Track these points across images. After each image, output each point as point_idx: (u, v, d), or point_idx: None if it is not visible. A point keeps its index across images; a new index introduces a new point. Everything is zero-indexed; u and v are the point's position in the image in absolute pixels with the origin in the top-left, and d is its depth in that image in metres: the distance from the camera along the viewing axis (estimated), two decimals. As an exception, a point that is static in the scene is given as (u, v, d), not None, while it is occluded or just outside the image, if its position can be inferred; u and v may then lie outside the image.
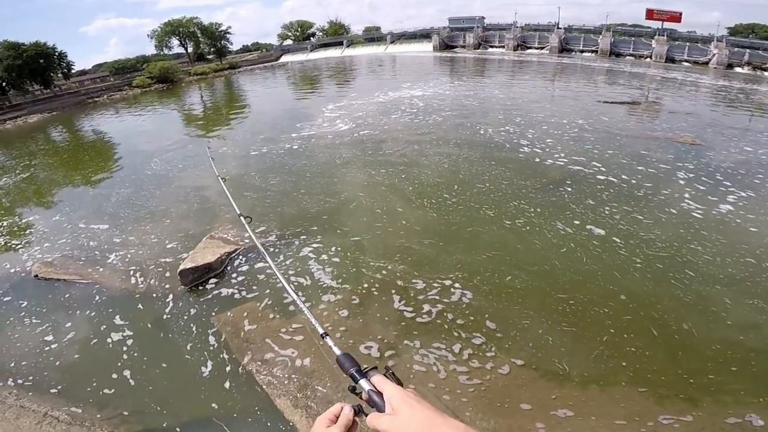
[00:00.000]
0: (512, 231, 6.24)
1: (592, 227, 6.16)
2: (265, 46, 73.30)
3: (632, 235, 5.94)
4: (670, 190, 7.38)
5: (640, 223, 6.25)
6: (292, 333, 4.51)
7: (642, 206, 6.79)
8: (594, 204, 6.92)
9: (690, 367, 3.76)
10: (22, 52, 33.72)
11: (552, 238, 5.96)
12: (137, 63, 52.29)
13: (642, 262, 5.31)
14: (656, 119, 13.26)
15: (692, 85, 21.29)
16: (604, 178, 7.94)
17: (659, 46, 33.69)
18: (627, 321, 4.32)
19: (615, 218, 6.41)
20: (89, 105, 33.38)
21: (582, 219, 6.42)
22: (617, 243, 5.75)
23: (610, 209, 6.70)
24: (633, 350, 3.95)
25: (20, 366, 4.47)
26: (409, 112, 15.16)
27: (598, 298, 4.66)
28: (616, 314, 4.42)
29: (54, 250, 7.07)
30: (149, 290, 5.66)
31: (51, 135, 22.20)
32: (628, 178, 7.88)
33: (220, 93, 32.27)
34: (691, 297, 4.65)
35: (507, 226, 6.38)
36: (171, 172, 10.85)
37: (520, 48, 42.68)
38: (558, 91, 19.44)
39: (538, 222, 6.43)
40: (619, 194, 7.27)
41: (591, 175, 8.15)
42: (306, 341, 4.37)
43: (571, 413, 3.36)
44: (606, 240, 5.84)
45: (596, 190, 7.46)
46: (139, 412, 3.80)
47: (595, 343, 4.05)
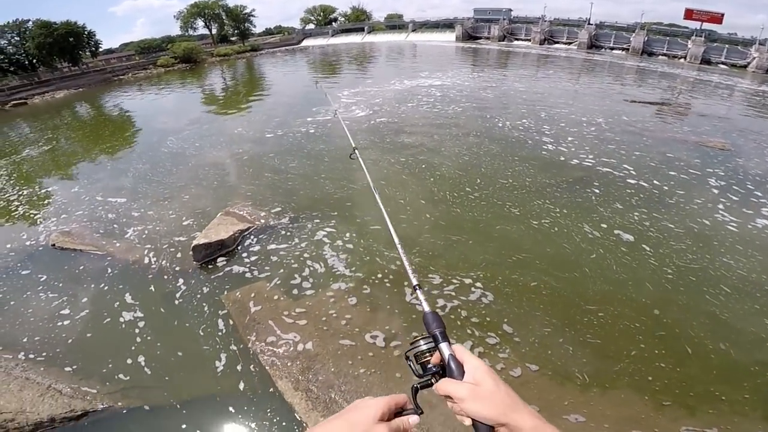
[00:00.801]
0: (540, 232, 5.98)
1: (620, 232, 5.88)
2: (287, 29, 73.35)
3: (662, 243, 5.65)
4: (703, 199, 6.98)
5: (671, 232, 5.93)
6: (297, 316, 4.48)
7: (673, 214, 6.45)
8: (622, 208, 6.60)
9: (726, 389, 3.51)
10: (53, 31, 34.65)
11: (581, 242, 5.70)
12: (162, 43, 52.89)
13: (674, 274, 5.02)
14: (685, 122, 12.69)
15: (727, 89, 20.30)
16: (633, 181, 7.59)
17: (695, 46, 32.17)
18: (660, 337, 4.07)
19: (644, 225, 6.11)
20: (114, 82, 34.02)
21: (609, 223, 6.15)
22: (647, 251, 5.47)
23: (639, 215, 6.38)
24: (662, 366, 3.74)
25: (30, 338, 4.53)
26: (427, 101, 14.88)
27: (629, 311, 4.42)
28: (648, 329, 4.17)
29: (71, 221, 7.19)
30: (161, 264, 5.70)
31: (76, 110, 22.69)
32: (659, 184, 7.51)
33: (241, 74, 32.38)
34: (727, 315, 4.37)
35: (534, 227, 6.11)
36: (188, 150, 10.94)
37: (547, 42, 41.43)
38: (584, 87, 18.78)
39: (565, 223, 6.17)
40: (648, 199, 6.92)
41: (618, 177, 7.80)
42: (311, 325, 4.33)
43: (583, 419, 3.23)
44: (635, 247, 5.56)
45: (624, 193, 7.12)
46: (140, 387, 3.82)
47: (621, 357, 3.85)
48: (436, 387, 0.78)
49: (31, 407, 3.54)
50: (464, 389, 0.72)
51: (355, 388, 3.57)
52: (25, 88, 29.82)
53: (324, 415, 3.32)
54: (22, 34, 35.58)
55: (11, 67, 35.77)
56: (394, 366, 3.80)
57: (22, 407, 3.53)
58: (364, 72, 25.95)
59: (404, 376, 3.66)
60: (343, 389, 3.57)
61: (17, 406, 3.53)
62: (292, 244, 5.91)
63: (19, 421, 3.42)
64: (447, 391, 0.75)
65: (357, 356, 3.92)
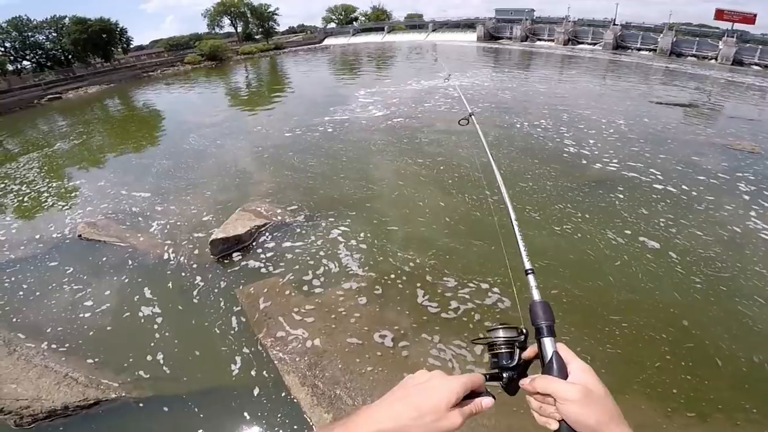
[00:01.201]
0: (563, 238, 5.83)
1: (645, 239, 5.68)
2: (309, 28, 74.04)
3: (689, 251, 5.44)
4: (733, 205, 6.68)
5: (699, 239, 5.71)
6: (307, 312, 4.56)
7: (701, 221, 6.20)
8: (647, 214, 6.39)
9: (760, 405, 3.35)
10: (88, 27, 36.03)
11: (604, 248, 5.54)
12: (190, 40, 54.28)
13: (703, 283, 4.82)
14: (713, 124, 12.22)
15: (760, 91, 19.40)
16: (658, 186, 7.35)
17: (726, 47, 30.74)
18: (688, 349, 3.90)
19: (671, 231, 5.90)
20: (144, 78, 35.08)
21: (634, 229, 5.96)
22: (673, 259, 5.27)
23: (665, 221, 6.16)
24: (689, 378, 3.59)
25: (53, 327, 4.68)
26: (444, 102, 14.78)
27: (655, 321, 4.25)
28: (676, 340, 3.99)
29: (96, 214, 7.49)
30: (180, 258, 5.88)
31: (106, 105, 23.58)
32: (686, 188, 7.25)
33: (264, 73, 32.93)
34: (761, 326, 4.17)
35: (557, 232, 5.96)
36: (210, 146, 11.24)
37: (571, 43, 40.37)
38: (608, 89, 18.29)
39: (587, 229, 6.02)
40: (674, 205, 6.69)
41: (643, 181, 7.57)
42: (320, 321, 4.40)
43: None
44: (661, 254, 5.36)
45: (649, 198, 6.89)
46: (153, 378, 3.92)
47: (644, 368, 3.72)
48: (535, 383, 0.71)
49: (47, 395, 3.63)
50: (576, 391, 0.65)
51: (360, 386, 3.61)
52: (60, 83, 31.09)
53: (328, 411, 3.37)
54: (59, 30, 37.11)
55: (48, 62, 37.45)
56: (401, 366, 3.82)
57: (39, 395, 3.63)
58: (384, 71, 26.01)
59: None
60: (348, 386, 3.62)
61: (34, 394, 3.63)
62: (307, 242, 6.01)
63: (34, 408, 3.52)
64: (549, 389, 0.67)
65: (365, 354, 3.96)
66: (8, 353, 4.17)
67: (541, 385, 0.69)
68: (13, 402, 3.56)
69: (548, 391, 0.68)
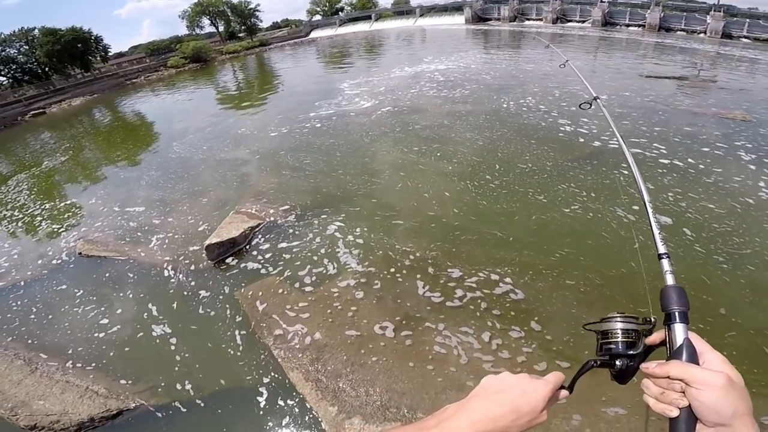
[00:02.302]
0: (577, 221, 5.65)
1: (658, 216, 5.56)
2: (294, 22, 73.12)
3: (703, 226, 5.30)
4: (742, 176, 6.53)
5: (711, 213, 5.58)
6: (306, 308, 4.59)
7: (711, 193, 6.06)
8: (653, 188, 6.24)
9: None
10: (60, 37, 35.11)
11: (618, 229, 5.36)
12: (171, 44, 53.42)
13: (727, 262, 4.60)
14: (705, 95, 12.18)
15: (750, 62, 19.33)
16: (662, 160, 7.21)
17: (715, 21, 30.68)
18: (731, 337, 3.71)
19: (681, 206, 5.78)
20: (128, 86, 34.63)
21: (641, 204, 5.83)
22: (689, 236, 5.10)
23: (673, 195, 6.03)
24: None
25: (66, 343, 4.78)
26: (438, 86, 14.67)
27: (692, 313, 4.09)
28: (716, 330, 3.75)
29: (92, 232, 7.43)
30: (179, 266, 5.88)
31: (92, 117, 23.27)
32: (687, 160, 7.15)
33: (252, 71, 32.53)
34: None
35: (568, 215, 5.79)
36: (198, 152, 11.14)
37: (560, 21, 39.97)
38: (599, 65, 18.18)
39: (595, 208, 5.89)
40: (679, 178, 6.56)
41: (642, 154, 7.47)
42: (319, 316, 4.43)
43: (624, 411, 3.08)
44: (675, 232, 5.21)
45: (654, 173, 6.74)
46: (166, 384, 4.01)
47: None
48: (668, 366, 0.68)
49: (73, 408, 3.80)
50: (720, 377, 0.62)
51: (362, 377, 3.66)
52: (42, 98, 30.62)
53: (332, 404, 3.43)
54: (30, 42, 36.14)
55: (25, 76, 36.65)
56: (406, 355, 3.84)
57: (65, 408, 3.80)
58: (375, 60, 25.71)
59: (417, 366, 3.70)
60: (351, 378, 3.67)
61: (61, 408, 3.80)
62: (302, 239, 6.00)
63: (64, 422, 3.68)
64: (685, 374, 0.65)
65: (366, 346, 4.00)
66: (31, 372, 4.34)
67: (674, 369, 0.67)
68: (44, 417, 3.72)
69: (682, 375, 0.65)
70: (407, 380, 3.59)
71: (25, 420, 3.68)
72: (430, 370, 3.66)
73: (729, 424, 0.61)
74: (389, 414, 3.32)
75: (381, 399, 3.45)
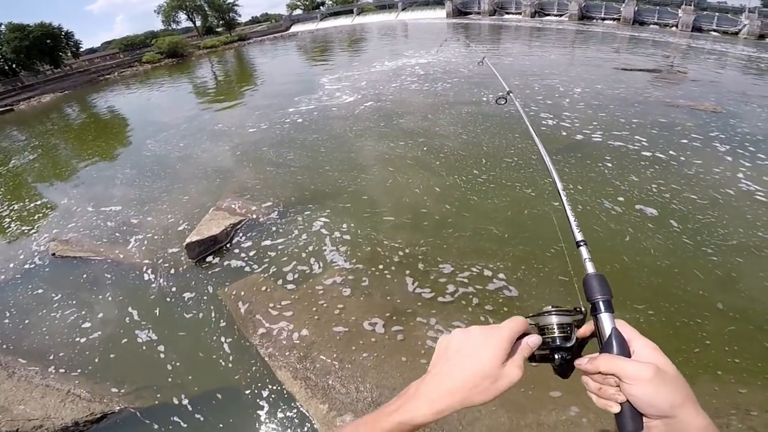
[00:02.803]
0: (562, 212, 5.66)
1: (642, 207, 5.62)
2: (274, 16, 71.98)
3: (688, 218, 5.37)
4: (721, 167, 6.70)
5: (695, 204, 5.69)
6: (292, 306, 4.51)
7: (693, 184, 6.19)
8: (638, 180, 6.35)
9: None
10: (28, 33, 33.87)
11: (608, 221, 5.40)
12: (146, 39, 51.98)
13: (717, 255, 4.64)
14: (677, 87, 12.56)
15: (719, 55, 20.04)
16: (646, 153, 7.31)
17: (686, 15, 31.87)
18: (731, 334, 3.67)
19: (665, 197, 5.87)
20: (101, 82, 33.44)
21: (627, 196, 5.91)
22: (675, 227, 5.16)
23: (657, 187, 6.13)
24: (736, 362, 3.39)
25: (45, 347, 4.59)
26: (419, 80, 14.65)
27: (688, 307, 3.98)
28: (716, 328, 3.71)
29: (66, 233, 7.12)
30: (158, 265, 5.70)
31: (63, 114, 22.34)
32: (667, 151, 7.29)
33: (230, 66, 31.80)
34: None
35: (557, 208, 5.78)
36: (175, 149, 10.81)
37: (538, 15, 40.57)
38: (577, 58, 18.49)
39: (582, 200, 5.91)
40: (662, 170, 6.66)
41: (624, 147, 7.62)
42: (305, 313, 4.36)
43: None
44: (662, 223, 5.25)
45: (637, 166, 6.84)
46: (151, 387, 3.89)
47: (677, 353, 3.49)
48: (597, 362, 0.65)
49: (55, 413, 3.68)
50: (646, 369, 0.58)
51: (352, 373, 3.61)
52: (9, 94, 29.39)
53: (323, 402, 3.39)
54: (-4, 38, 34.65)
55: (-10, 72, 35.14)
56: (396, 350, 3.82)
57: (47, 413, 3.67)
58: (358, 54, 25.50)
59: (408, 361, 3.69)
60: (340, 375, 3.62)
61: (42, 413, 3.67)
62: (285, 235, 5.89)
63: (48, 427, 3.55)
64: (613, 368, 0.62)
65: (356, 342, 3.96)
66: (8, 376, 4.19)
67: (603, 365, 0.63)
68: (26, 422, 3.59)
69: (612, 370, 0.62)
70: (398, 375, 3.56)
71: (7, 425, 3.56)
72: (422, 364, 3.65)
73: (672, 416, 0.57)
74: (380, 409, 3.29)
75: (372, 395, 3.41)
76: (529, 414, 3.11)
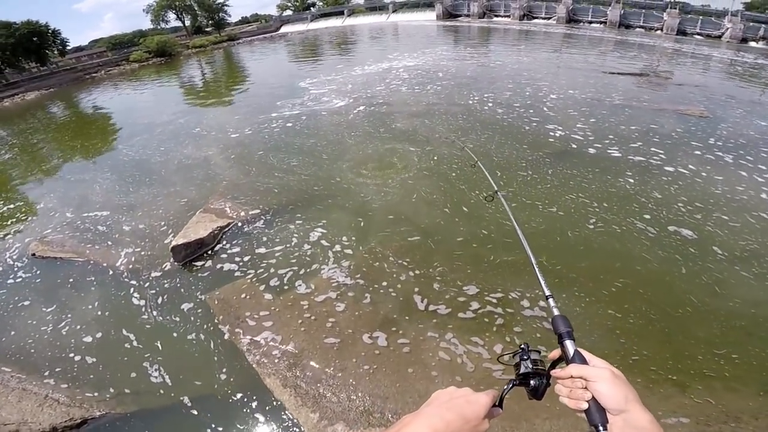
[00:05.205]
0: (612, 236, 5.32)
1: (675, 227, 5.37)
2: (264, 17, 71.43)
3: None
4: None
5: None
6: (282, 311, 4.42)
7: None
8: (661, 198, 6.11)
9: None
10: (15, 31, 33.27)
11: (651, 246, 5.07)
12: (134, 38, 51.11)
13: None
14: (664, 91, 12.75)
15: (703, 58, 20.43)
16: (668, 168, 7.07)
17: (671, 18, 32.49)
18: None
19: (695, 217, 5.60)
20: (87, 81, 32.77)
21: (654, 215, 5.69)
22: (719, 254, 4.85)
23: (685, 206, 5.87)
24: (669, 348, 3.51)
25: (22, 350, 4.45)
26: (414, 82, 14.62)
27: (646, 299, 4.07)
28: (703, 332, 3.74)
29: (46, 233, 6.93)
30: (143, 268, 5.56)
31: (47, 112, 21.80)
32: (697, 169, 7.01)
33: (219, 66, 31.37)
34: None
35: (590, 229, 5.48)
36: (158, 151, 10.60)
37: (526, 18, 40.93)
38: (564, 61, 18.67)
39: (610, 218, 5.65)
40: (686, 187, 6.45)
41: (610, 154, 7.66)
42: (295, 319, 4.28)
43: None
44: (703, 248, 4.97)
45: (661, 181, 6.63)
46: (134, 392, 3.78)
47: (626, 343, 3.63)
48: (568, 369, 0.85)
49: (32, 417, 3.57)
50: (606, 372, 0.79)
51: (343, 382, 3.55)
52: (-7, 92, 28.65)
53: (314, 411, 3.31)
54: (-18, 36, 33.88)
55: (-25, 69, 34.28)
56: (385, 360, 3.78)
57: (24, 418, 3.56)
58: (349, 56, 25.34)
59: (399, 370, 3.63)
60: (331, 383, 3.55)
61: (18, 417, 3.56)
62: (276, 239, 5.79)
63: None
64: (582, 372, 0.81)
65: (343, 350, 3.90)
66: None
67: (575, 370, 0.83)
68: (2, 427, 3.49)
69: (581, 373, 0.81)
70: (389, 384, 3.51)
71: (-19, 429, 3.43)
72: (411, 374, 3.60)
73: (626, 410, 0.75)
74: (373, 419, 3.22)
75: (364, 404, 3.35)
76: (523, 423, 3.10)
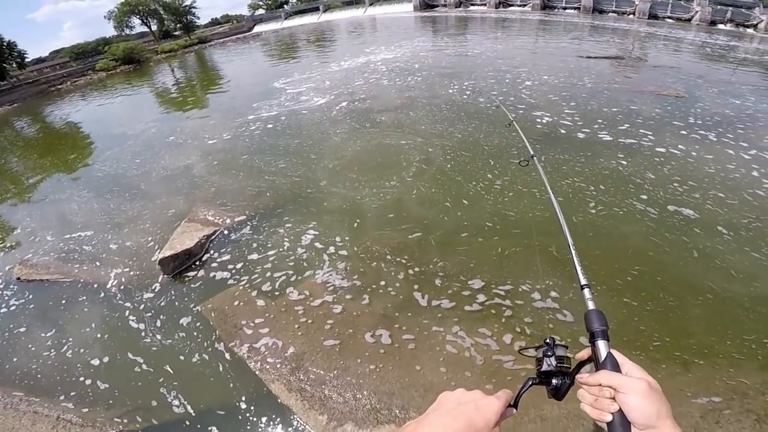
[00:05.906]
0: (609, 217, 5.30)
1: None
2: (235, 17, 70.00)
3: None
4: (684, 146, 6.87)
5: (664, 180, 5.81)
6: (278, 316, 4.35)
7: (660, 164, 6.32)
8: (655, 178, 6.09)
9: None
10: (-36, 47, 31.39)
11: (648, 222, 5.11)
12: (98, 46, 49.17)
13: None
14: (640, 73, 13.02)
15: (675, 41, 20.96)
16: (623, 139, 7.37)
17: (642, 2, 33.36)
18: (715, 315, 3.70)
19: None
20: (53, 93, 31.42)
21: (651, 195, 5.69)
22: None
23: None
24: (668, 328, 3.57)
25: (26, 374, 4.33)
26: (393, 75, 14.55)
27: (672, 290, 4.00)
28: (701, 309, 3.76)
29: (29, 256, 6.63)
30: (132, 283, 5.39)
31: (14, 129, 20.77)
32: (631, 136, 7.51)
33: (191, 69, 30.54)
34: None
35: (592, 213, 5.42)
36: (134, 162, 10.25)
37: (502, 5, 41.21)
38: (541, 47, 18.86)
39: (608, 201, 5.64)
40: (631, 153, 6.72)
41: (593, 135, 7.77)
42: (293, 323, 4.21)
43: None
44: (708, 228, 4.94)
45: (609, 153, 6.86)
46: (144, 408, 3.70)
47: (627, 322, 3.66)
48: (598, 376, 0.76)
49: None
50: (642, 383, 0.70)
51: (347, 382, 3.51)
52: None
53: (321, 413, 3.26)
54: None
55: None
56: (388, 356, 3.75)
57: None
58: (326, 52, 24.99)
59: (404, 366, 3.59)
60: (335, 384, 3.51)
61: None
62: (266, 244, 5.68)
63: None
64: (614, 381, 0.73)
65: (344, 350, 3.86)
66: None
67: (604, 378, 0.74)
68: None
69: (612, 383, 0.73)
70: (394, 380, 3.49)
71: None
72: (417, 370, 3.57)
73: (655, 426, 0.67)
74: (381, 416, 3.20)
75: (370, 402, 3.32)
76: (531, 409, 3.09)
